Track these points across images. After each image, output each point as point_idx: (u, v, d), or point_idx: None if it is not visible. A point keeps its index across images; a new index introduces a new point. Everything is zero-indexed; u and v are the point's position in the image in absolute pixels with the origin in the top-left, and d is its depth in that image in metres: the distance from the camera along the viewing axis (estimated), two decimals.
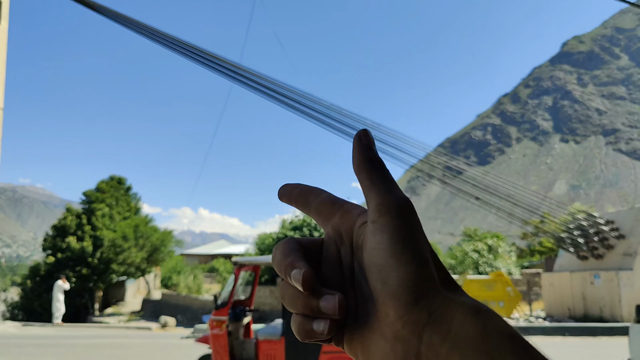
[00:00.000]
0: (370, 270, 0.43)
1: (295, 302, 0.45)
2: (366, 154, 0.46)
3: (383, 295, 0.42)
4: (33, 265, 40.08)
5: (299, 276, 0.43)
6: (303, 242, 0.48)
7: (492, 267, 28.60)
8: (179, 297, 28.18)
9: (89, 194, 38.96)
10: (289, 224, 25.19)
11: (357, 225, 0.46)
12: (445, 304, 0.41)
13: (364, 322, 0.44)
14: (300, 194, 0.50)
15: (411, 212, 0.44)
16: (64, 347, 12.35)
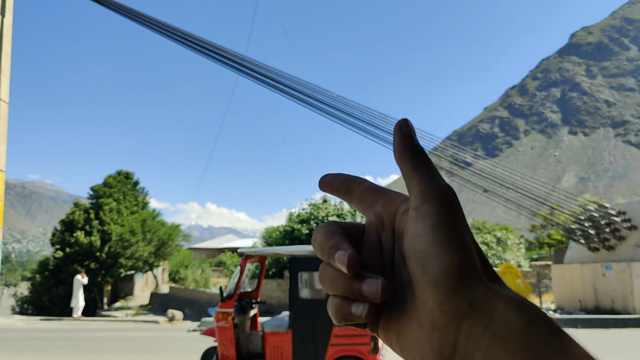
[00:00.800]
0: (411, 257, 0.43)
1: (337, 284, 0.44)
2: (408, 142, 0.45)
3: (423, 282, 0.41)
4: (42, 260, 40.29)
5: (344, 258, 0.43)
6: (345, 226, 0.48)
7: (501, 260, 28.38)
8: (186, 290, 28.18)
9: (97, 188, 39.05)
10: (296, 217, 25.06)
11: (400, 213, 0.46)
12: (487, 295, 0.40)
13: (401, 309, 0.43)
14: (342, 182, 0.50)
15: (454, 200, 0.43)
16: (71, 341, 12.32)
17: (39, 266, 38.71)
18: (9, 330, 15.32)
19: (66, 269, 34.30)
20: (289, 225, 24.55)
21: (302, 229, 23.00)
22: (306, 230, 22.97)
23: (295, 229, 23.46)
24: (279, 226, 27.80)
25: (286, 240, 23.68)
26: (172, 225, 34.71)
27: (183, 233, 36.29)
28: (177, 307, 27.40)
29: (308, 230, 23.05)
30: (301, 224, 23.76)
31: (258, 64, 14.47)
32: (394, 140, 0.46)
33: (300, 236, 22.97)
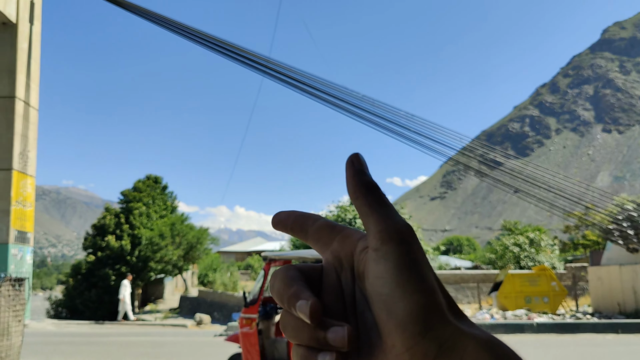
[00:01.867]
0: (375, 299, 0.41)
1: (300, 334, 0.42)
2: (361, 177, 0.44)
3: (389, 325, 0.40)
4: (75, 264, 41.09)
5: (306, 308, 0.41)
6: (304, 270, 0.46)
7: (534, 262, 27.62)
8: (215, 294, 28.27)
9: (127, 193, 39.67)
10: None
11: (358, 251, 0.45)
12: (456, 335, 0.39)
13: (368, 353, 0.42)
14: (296, 220, 0.49)
15: (413, 238, 0.42)
16: (99, 345, 12.36)
17: (72, 270, 39.47)
18: (39, 334, 15.51)
19: (98, 272, 34.87)
20: None
21: None
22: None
23: None
24: None
25: None
26: (201, 229, 34.92)
27: (212, 236, 36.49)
28: (205, 310, 27.49)
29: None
30: None
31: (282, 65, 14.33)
32: (347, 176, 0.44)
33: None
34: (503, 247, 30.31)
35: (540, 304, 17.25)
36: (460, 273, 24.59)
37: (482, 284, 23.05)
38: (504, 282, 17.79)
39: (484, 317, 15.52)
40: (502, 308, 17.47)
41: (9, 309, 7.86)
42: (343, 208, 24.76)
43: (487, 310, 17.50)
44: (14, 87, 16.75)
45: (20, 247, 17.17)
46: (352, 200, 0.44)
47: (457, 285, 23.70)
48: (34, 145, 17.72)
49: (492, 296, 19.42)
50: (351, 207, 24.85)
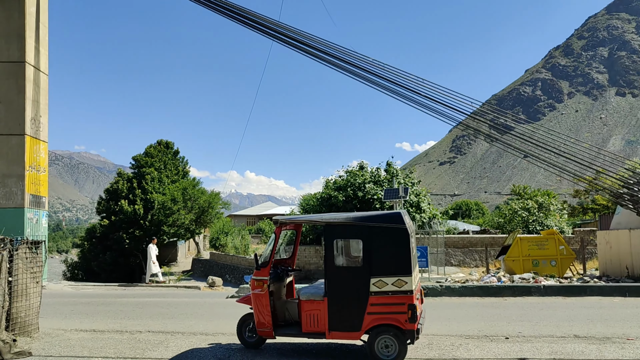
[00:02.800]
0: None
1: None
2: None
3: None
4: (89, 228, 41.69)
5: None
6: None
7: (542, 226, 27.61)
8: (227, 257, 28.66)
9: (138, 158, 39.77)
10: (333, 185, 24.89)
11: None
12: None
13: None
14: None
15: None
16: (114, 306, 12.66)
17: (87, 234, 40.10)
18: (57, 296, 15.90)
19: (112, 236, 35.39)
20: (325, 192, 24.42)
21: (339, 196, 22.83)
22: (343, 197, 22.79)
23: (332, 195, 23.32)
24: (315, 193, 27.73)
25: (323, 207, 23.60)
26: (212, 193, 35.11)
27: (223, 201, 36.74)
28: (217, 273, 27.95)
29: (345, 197, 22.87)
30: (338, 191, 23.59)
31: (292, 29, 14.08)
32: None
33: (337, 203, 22.83)
34: (512, 211, 30.28)
35: (548, 267, 17.33)
36: (469, 237, 24.68)
37: (490, 247, 23.15)
38: (512, 246, 17.85)
39: (491, 280, 15.65)
40: (509, 271, 17.58)
41: (26, 271, 8.04)
42: (352, 173, 24.74)
43: (494, 274, 17.62)
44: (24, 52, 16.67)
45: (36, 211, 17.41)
46: None
47: (465, 249, 23.83)
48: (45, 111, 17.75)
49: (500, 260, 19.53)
50: (360, 172, 24.83)
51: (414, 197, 23.66)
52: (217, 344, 7.60)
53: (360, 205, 22.82)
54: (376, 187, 23.39)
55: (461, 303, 12.18)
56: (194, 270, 31.53)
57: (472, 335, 8.12)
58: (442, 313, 10.45)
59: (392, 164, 26.17)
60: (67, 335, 8.44)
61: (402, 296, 6.20)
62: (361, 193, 22.80)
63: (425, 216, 23.61)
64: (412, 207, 23.50)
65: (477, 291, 13.47)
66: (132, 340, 7.90)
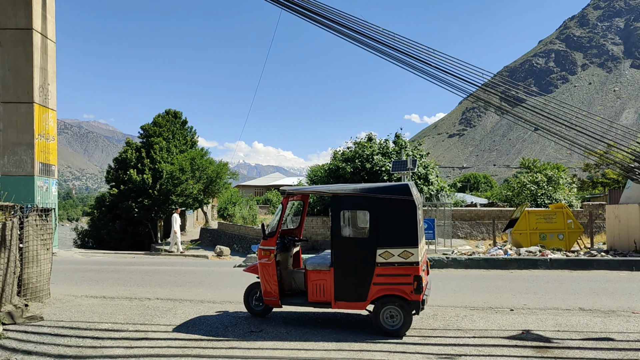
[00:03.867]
0: None
1: None
2: None
3: None
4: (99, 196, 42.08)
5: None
6: None
7: (551, 200, 27.53)
8: (234, 226, 28.88)
9: (147, 128, 39.81)
10: (341, 156, 24.85)
11: None
12: None
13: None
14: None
15: None
16: (124, 274, 12.85)
17: (97, 202, 40.51)
18: (68, 262, 16.15)
19: (121, 204, 35.72)
20: (333, 163, 24.40)
21: (347, 168, 22.82)
22: (350, 168, 22.78)
23: (340, 167, 23.31)
24: (323, 164, 27.72)
25: (330, 178, 23.63)
26: (220, 163, 35.21)
27: (231, 171, 36.85)
28: (225, 242, 28.23)
29: (352, 168, 22.85)
30: (346, 163, 23.57)
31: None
32: None
33: (344, 174, 22.83)
34: (520, 184, 30.17)
35: (555, 241, 17.33)
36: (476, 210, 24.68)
37: (498, 220, 23.15)
38: (520, 219, 17.83)
39: (497, 253, 15.69)
40: (516, 244, 17.61)
41: (37, 238, 8.15)
42: (361, 144, 24.66)
43: (501, 246, 17.66)
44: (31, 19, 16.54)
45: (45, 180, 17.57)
46: None
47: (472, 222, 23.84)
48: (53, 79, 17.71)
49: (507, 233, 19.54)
50: (368, 143, 24.73)
51: (422, 169, 23.60)
52: (224, 312, 7.71)
53: (368, 177, 22.81)
54: (384, 158, 23.32)
55: (467, 275, 12.25)
56: (202, 239, 31.87)
57: (477, 307, 8.18)
58: (447, 285, 10.52)
59: (400, 136, 26.04)
60: (77, 301, 8.59)
61: (408, 267, 6.23)
62: (369, 165, 22.76)
63: (433, 188, 23.58)
64: (420, 179, 23.46)
65: (483, 263, 13.52)
66: (141, 307, 8.03)
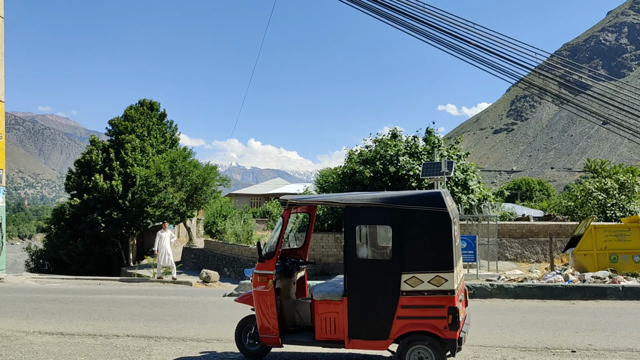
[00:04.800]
0: None
1: None
2: None
3: None
4: (57, 208, 42.42)
5: None
6: None
7: (624, 212, 27.30)
8: (225, 246, 28.95)
9: (116, 122, 40.08)
10: (358, 157, 24.84)
11: None
12: None
13: None
14: None
15: None
16: (87, 304, 12.91)
17: (54, 215, 40.83)
18: (18, 291, 16.25)
19: (85, 218, 35.95)
20: (348, 166, 24.40)
21: (365, 172, 22.80)
22: (370, 172, 22.76)
23: (357, 171, 23.30)
24: (336, 168, 27.72)
25: (345, 185, 23.61)
26: (208, 167, 35.30)
27: (221, 176, 36.94)
28: (213, 265, 28.28)
29: (372, 172, 22.84)
30: (364, 165, 23.55)
31: None
32: None
33: (362, 180, 22.82)
34: (585, 192, 29.95)
35: (630, 263, 17.17)
36: (529, 224, 24.53)
37: (556, 237, 23.00)
38: (584, 236, 17.69)
39: (555, 279, 15.58)
40: (580, 268, 17.47)
41: None
42: (383, 142, 24.63)
43: (560, 271, 17.53)
44: None
45: None
46: None
47: (524, 240, 23.71)
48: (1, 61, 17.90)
49: (568, 253, 19.39)
50: (392, 141, 24.72)
51: (460, 174, 23.53)
52: (210, 353, 7.72)
53: (392, 183, 22.78)
54: (412, 160, 23.29)
55: (517, 307, 12.16)
56: (184, 261, 31.96)
57: (529, 347, 8.12)
58: (492, 319, 10.45)
59: (433, 132, 25.99)
60: (28, 338, 8.64)
61: (440, 297, 6.20)
62: (393, 168, 22.74)
63: (474, 197, 23.50)
64: (457, 186, 23.39)
65: (537, 292, 13.41)
66: (107, 346, 8.06)
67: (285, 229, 7.11)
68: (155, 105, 42.18)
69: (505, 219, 28.96)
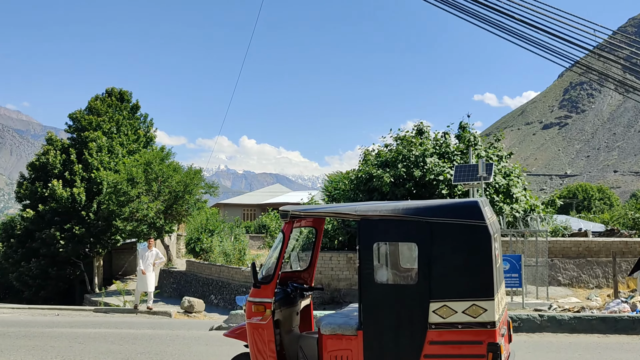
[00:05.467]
0: None
1: None
2: None
3: None
4: (5, 222, 42.50)
5: None
6: None
7: None
8: (212, 268, 28.99)
9: (78, 116, 40.07)
10: (376, 159, 24.84)
11: None
12: None
13: None
14: None
15: None
16: (42, 339, 12.92)
17: (2, 231, 40.91)
18: None
19: (40, 234, 36.01)
20: (363, 170, 24.40)
21: (385, 176, 22.79)
22: (390, 177, 22.76)
23: (374, 175, 23.30)
24: (348, 171, 27.69)
25: (359, 192, 23.62)
26: (190, 171, 35.36)
27: (207, 182, 36.99)
28: (198, 292, 28.33)
29: (393, 177, 22.84)
30: (383, 169, 23.55)
31: None
32: None
33: (381, 187, 22.81)
34: None
35: None
36: (587, 241, 24.45)
37: (621, 257, 22.91)
38: None
39: (620, 309, 15.52)
40: None
41: None
42: (406, 140, 24.59)
43: (627, 299, 17.47)
44: None
45: None
46: None
47: (581, 260, 23.62)
48: None
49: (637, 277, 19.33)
50: (418, 139, 24.71)
51: (501, 179, 23.50)
52: None
53: (418, 191, 22.77)
54: (443, 162, 23.28)
55: (573, 343, 12.12)
56: (162, 287, 32.02)
57: None
58: (542, 357, 10.41)
59: (467, 127, 25.98)
60: None
61: (478, 330, 6.18)
62: (419, 171, 22.73)
63: (519, 208, 23.45)
64: (498, 193, 23.36)
65: (598, 325, 13.35)
66: None
67: (286, 246, 7.10)
68: (126, 96, 42.20)
69: (557, 234, 28.88)
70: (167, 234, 36.06)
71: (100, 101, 40.76)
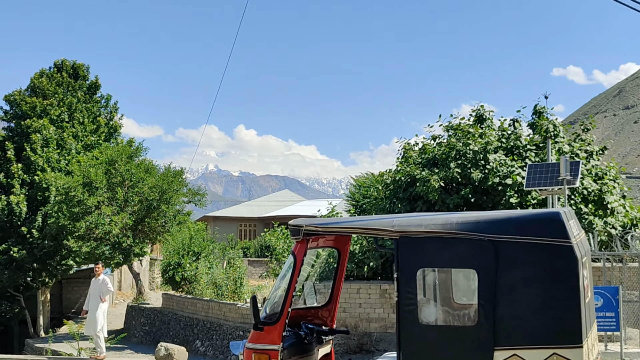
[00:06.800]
0: None
1: None
2: None
3: None
4: None
5: None
6: None
7: None
8: (198, 304, 29.09)
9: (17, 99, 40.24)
10: (419, 155, 24.81)
11: None
12: None
13: None
14: None
15: None
16: None
17: None
18: None
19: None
20: (403, 170, 24.40)
21: (432, 179, 22.76)
22: (439, 180, 22.72)
23: (418, 178, 23.29)
24: (382, 173, 27.69)
25: (397, 201, 23.61)
26: (169, 172, 35.37)
27: (191, 188, 37.06)
28: (179, 336, 28.42)
29: (443, 180, 22.79)
30: (429, 169, 23.53)
31: None
32: None
33: (426, 193, 22.78)
34: None
35: None
36: None
37: None
38: None
39: None
40: None
41: None
42: (462, 131, 24.50)
43: None
44: None
45: None
46: None
47: None
48: None
49: None
50: (477, 128, 24.63)
51: (591, 183, 23.40)
52: None
53: (477, 198, 22.74)
54: (511, 159, 23.23)
55: None
56: (130, 329, 32.16)
57: None
58: None
59: (545, 113, 25.90)
60: None
61: None
62: (479, 172, 22.69)
63: (616, 223, 23.34)
64: (586, 202, 23.27)
65: None
66: None
67: (299, 274, 7.10)
68: (82, 71, 42.17)
69: None
70: (136, 258, 36.12)
71: (46, 78, 40.67)
